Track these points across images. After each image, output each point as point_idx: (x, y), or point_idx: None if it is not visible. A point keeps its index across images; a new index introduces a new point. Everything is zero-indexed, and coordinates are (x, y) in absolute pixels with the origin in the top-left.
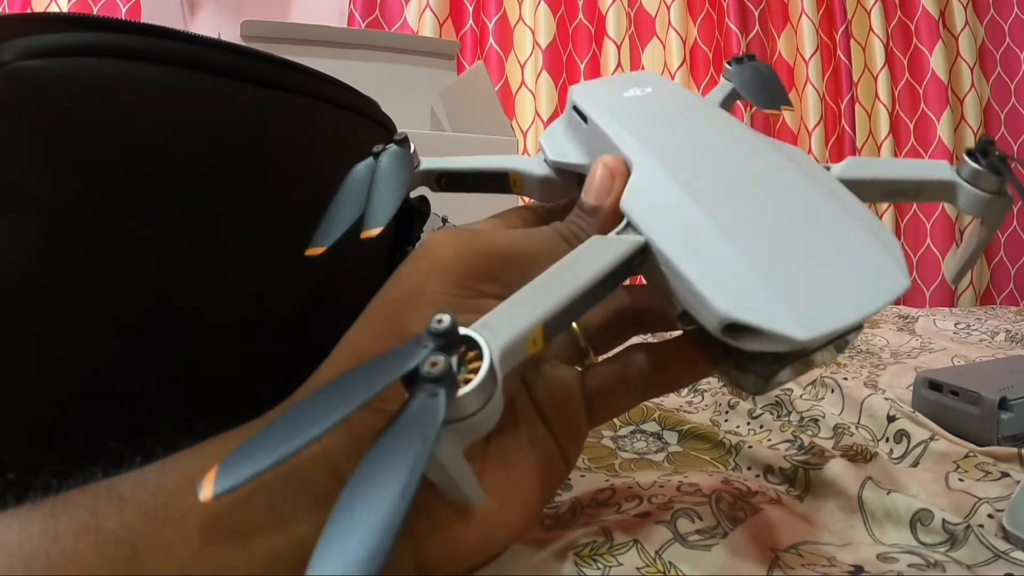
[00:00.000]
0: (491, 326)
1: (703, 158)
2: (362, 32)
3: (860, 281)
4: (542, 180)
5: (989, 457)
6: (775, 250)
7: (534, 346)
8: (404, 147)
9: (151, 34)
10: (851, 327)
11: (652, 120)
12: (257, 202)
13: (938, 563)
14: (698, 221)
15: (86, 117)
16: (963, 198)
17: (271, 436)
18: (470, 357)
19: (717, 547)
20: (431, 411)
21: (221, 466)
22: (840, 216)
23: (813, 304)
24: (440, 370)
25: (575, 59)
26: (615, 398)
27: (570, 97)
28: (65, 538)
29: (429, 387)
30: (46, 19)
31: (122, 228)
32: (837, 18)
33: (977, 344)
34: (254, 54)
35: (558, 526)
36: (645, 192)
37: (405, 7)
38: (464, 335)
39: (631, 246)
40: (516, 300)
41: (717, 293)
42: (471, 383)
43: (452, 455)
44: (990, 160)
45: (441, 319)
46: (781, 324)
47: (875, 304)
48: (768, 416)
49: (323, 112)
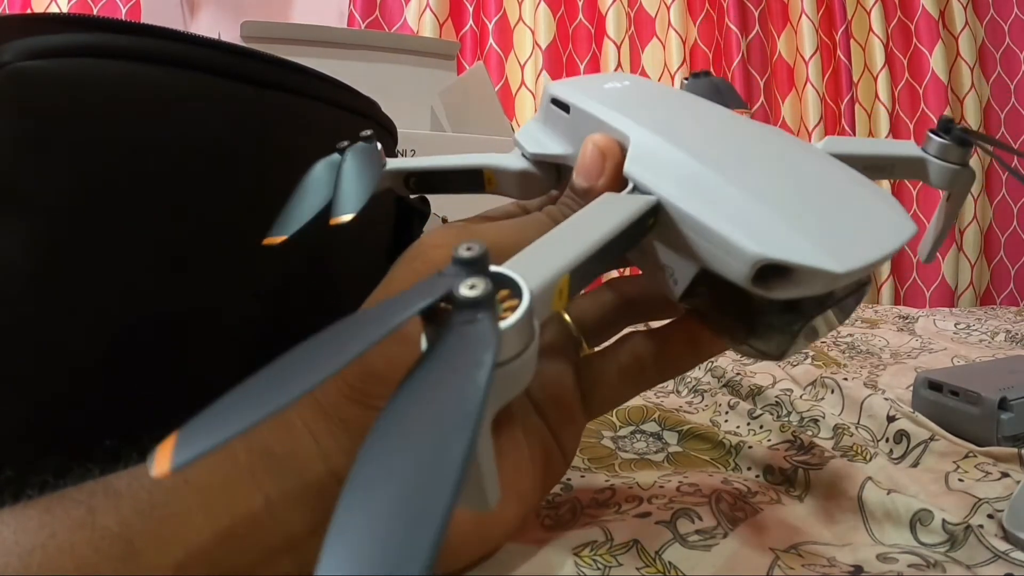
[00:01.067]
0: (522, 266)
1: (696, 127)
2: (362, 32)
3: (874, 225)
4: (520, 175)
5: (989, 457)
6: (789, 197)
7: (560, 299)
8: (371, 143)
9: (151, 35)
10: (879, 261)
11: (638, 101)
12: (256, 202)
13: (938, 563)
14: (708, 176)
15: (86, 117)
16: (933, 172)
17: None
18: (503, 295)
19: (717, 547)
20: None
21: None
22: (840, 172)
23: (840, 241)
24: (483, 292)
25: (575, 59)
26: (611, 388)
27: (546, 92)
28: (62, 534)
29: (468, 314)
30: (46, 20)
31: (121, 228)
32: (837, 18)
33: (977, 344)
34: (254, 55)
35: (558, 526)
36: (648, 156)
37: (405, 7)
38: (495, 272)
39: (644, 204)
40: (542, 244)
41: (745, 235)
42: (514, 314)
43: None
44: (954, 134)
45: (471, 246)
46: (818, 259)
47: (894, 244)
48: (768, 416)
49: (323, 112)
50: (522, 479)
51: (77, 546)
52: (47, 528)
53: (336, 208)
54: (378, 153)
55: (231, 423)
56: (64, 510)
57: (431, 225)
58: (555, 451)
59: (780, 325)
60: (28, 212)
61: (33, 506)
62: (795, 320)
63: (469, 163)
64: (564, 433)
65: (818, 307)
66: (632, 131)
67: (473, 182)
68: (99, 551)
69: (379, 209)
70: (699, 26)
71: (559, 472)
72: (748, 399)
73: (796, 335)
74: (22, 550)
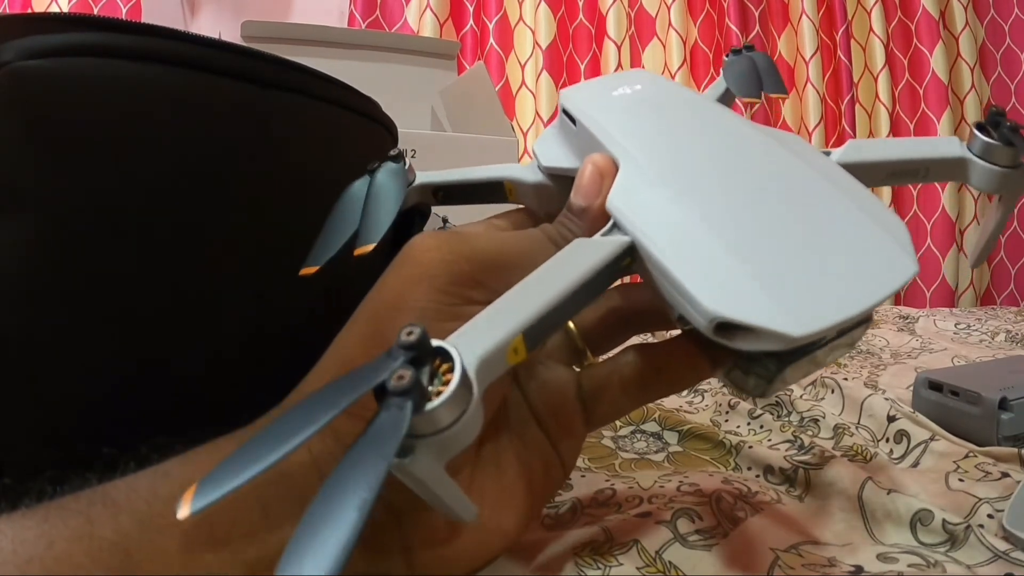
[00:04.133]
0: (467, 337)
1: (693, 153)
2: (362, 32)
3: (863, 271)
4: (536, 187)
5: (989, 457)
6: (769, 244)
7: (516, 355)
8: (399, 162)
9: (152, 34)
10: (851, 320)
11: (640, 117)
12: (257, 201)
13: (938, 563)
14: (686, 218)
15: (87, 117)
16: (976, 175)
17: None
18: (444, 369)
19: (717, 547)
20: (396, 424)
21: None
22: (841, 203)
23: (809, 298)
24: (406, 383)
25: (575, 59)
26: (612, 400)
27: (560, 100)
28: (59, 544)
29: (396, 401)
30: (47, 19)
31: (122, 227)
32: (837, 18)
33: (977, 344)
34: (255, 54)
35: (558, 526)
36: (631, 190)
37: (405, 7)
38: (437, 346)
39: (617, 247)
40: (494, 309)
41: (705, 291)
42: (440, 396)
43: (431, 470)
44: (1001, 132)
45: (411, 330)
46: (773, 321)
47: (878, 294)
48: (768, 416)
49: (323, 112)
50: (520, 492)
51: (75, 557)
52: (45, 538)
53: (362, 237)
54: (405, 172)
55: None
56: (62, 520)
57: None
58: (554, 462)
59: (757, 368)
60: (28, 211)
61: (31, 515)
62: (773, 365)
63: (489, 176)
64: (564, 444)
65: (796, 355)
66: (624, 158)
67: (496, 193)
68: (97, 562)
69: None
70: (699, 26)
71: (558, 483)
72: (748, 399)
73: (773, 380)
74: (20, 560)
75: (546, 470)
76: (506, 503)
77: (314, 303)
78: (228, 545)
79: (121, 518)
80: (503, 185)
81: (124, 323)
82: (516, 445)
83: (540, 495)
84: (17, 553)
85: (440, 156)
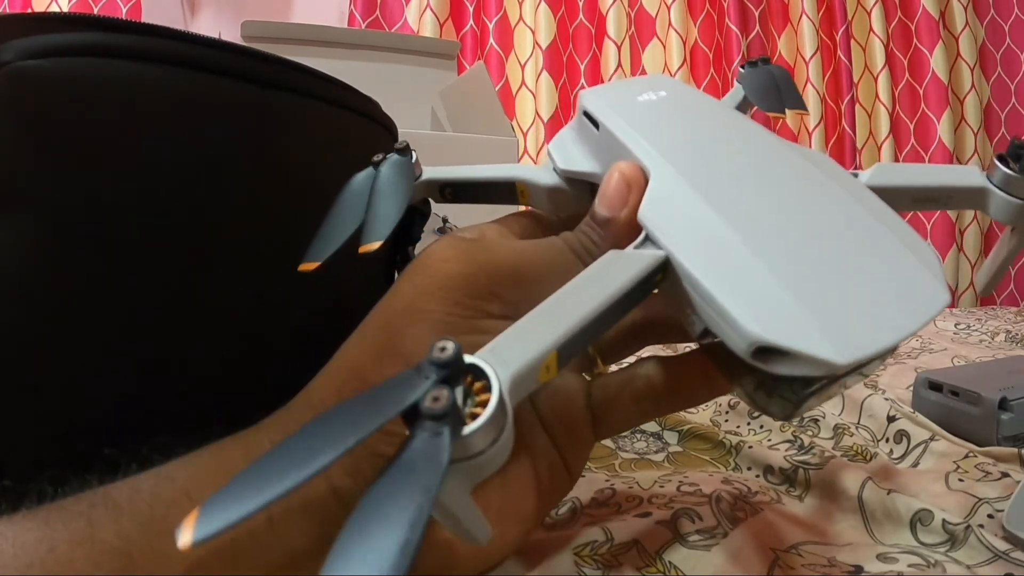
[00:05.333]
0: (500, 353)
1: (725, 166)
2: (362, 32)
3: (899, 298)
4: (551, 190)
5: (989, 457)
6: (807, 266)
7: (547, 373)
8: (405, 156)
9: (152, 34)
10: (889, 348)
11: (669, 125)
12: (257, 201)
13: (938, 563)
14: (723, 234)
15: (87, 117)
16: (995, 205)
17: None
18: (477, 388)
19: (717, 547)
20: (434, 454)
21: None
22: (875, 227)
23: (850, 325)
24: (443, 406)
25: (575, 59)
26: (622, 412)
27: (580, 102)
28: (61, 547)
29: (431, 425)
30: (47, 19)
31: (121, 227)
32: (837, 18)
33: (977, 344)
34: (255, 54)
35: (558, 526)
36: (665, 202)
37: (405, 7)
38: (470, 364)
39: (651, 261)
40: (527, 323)
41: (746, 313)
42: (479, 419)
43: (458, 496)
44: (1022, 164)
45: (445, 347)
46: (817, 347)
47: (915, 324)
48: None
49: (324, 112)
50: (524, 501)
51: (76, 561)
52: (46, 542)
53: (367, 233)
54: (411, 165)
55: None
56: (63, 523)
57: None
58: (561, 470)
59: (785, 391)
60: (28, 212)
61: (32, 518)
62: (801, 388)
63: (501, 175)
64: (571, 453)
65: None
66: (656, 167)
67: (506, 194)
68: (99, 566)
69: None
70: (699, 26)
71: (564, 490)
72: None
73: (800, 404)
74: (20, 564)
75: (551, 478)
76: (511, 512)
77: (316, 303)
78: (232, 553)
79: (123, 522)
80: (515, 186)
81: (124, 323)
82: (522, 452)
83: (545, 502)
84: (18, 556)
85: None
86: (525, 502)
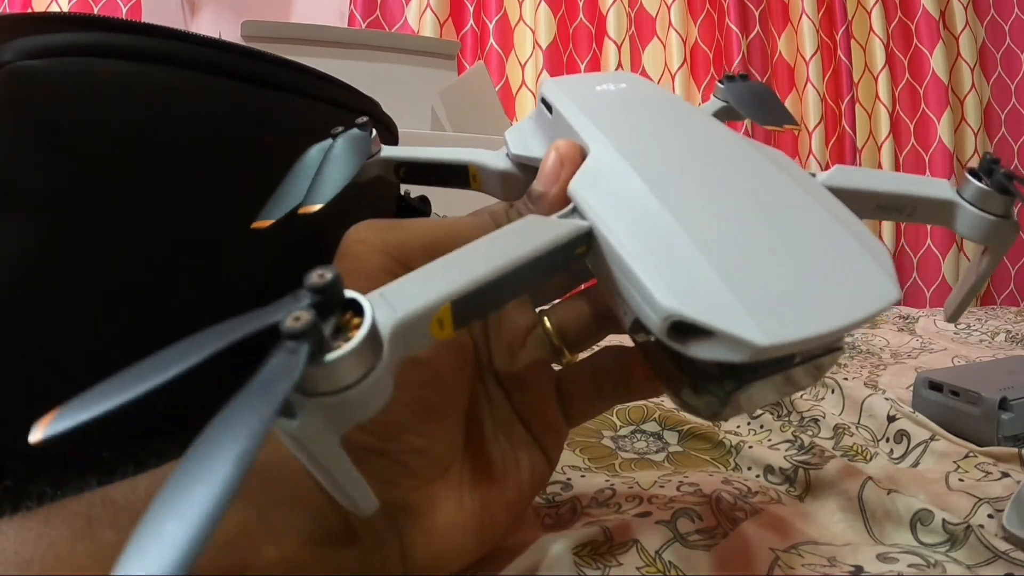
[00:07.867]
0: (388, 296)
1: (670, 150)
2: (362, 32)
3: (842, 290)
4: (502, 175)
5: (989, 457)
6: (743, 250)
7: (441, 329)
8: (364, 131)
9: (152, 34)
10: (822, 339)
11: (619, 110)
12: (257, 201)
13: (938, 563)
14: (655, 211)
15: (86, 117)
16: (964, 221)
17: (116, 384)
18: (355, 324)
19: (717, 547)
20: (287, 371)
21: (59, 411)
22: (825, 221)
23: (779, 309)
24: (302, 325)
25: (575, 59)
26: (588, 400)
27: (540, 89)
28: (61, 544)
29: (289, 344)
30: (47, 19)
31: (122, 227)
32: (837, 18)
33: (977, 344)
34: (255, 54)
35: (558, 526)
36: (597, 176)
37: (405, 7)
38: (350, 298)
39: (571, 230)
40: (423, 273)
41: (663, 285)
42: (342, 347)
43: (322, 440)
44: (995, 179)
45: (323, 273)
46: (736, 326)
47: (857, 315)
48: (768, 416)
49: (324, 112)
50: (510, 488)
51: (76, 558)
52: (46, 539)
53: (309, 196)
54: (369, 141)
55: (96, 406)
56: (63, 521)
57: None
58: (540, 459)
59: (712, 386)
60: (28, 211)
61: (32, 517)
62: (729, 383)
63: (455, 158)
64: (547, 441)
65: (755, 374)
66: (596, 144)
67: (459, 177)
68: (99, 563)
69: (381, 207)
70: (699, 26)
71: (545, 477)
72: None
73: (726, 399)
74: (21, 560)
75: (532, 466)
76: (497, 498)
77: None
78: (227, 549)
79: (121, 519)
80: (467, 170)
81: (124, 323)
82: (502, 443)
83: (528, 490)
84: (19, 553)
85: None
86: (511, 489)
